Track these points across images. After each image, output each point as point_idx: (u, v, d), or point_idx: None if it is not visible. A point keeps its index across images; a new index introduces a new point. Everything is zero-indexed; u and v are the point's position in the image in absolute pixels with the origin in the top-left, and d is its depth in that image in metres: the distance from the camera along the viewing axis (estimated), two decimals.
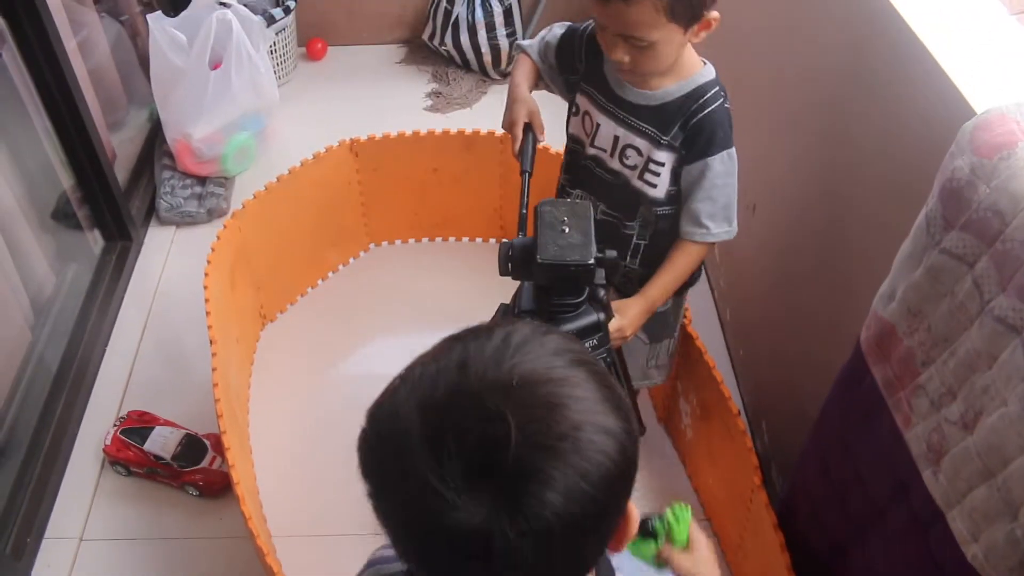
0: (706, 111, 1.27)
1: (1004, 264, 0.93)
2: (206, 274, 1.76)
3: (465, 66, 2.84)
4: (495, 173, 2.14)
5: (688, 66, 1.28)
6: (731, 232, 1.37)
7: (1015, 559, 0.95)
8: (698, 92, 1.28)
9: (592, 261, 1.18)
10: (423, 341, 0.64)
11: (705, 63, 1.31)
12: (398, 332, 2.12)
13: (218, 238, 1.85)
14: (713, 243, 1.39)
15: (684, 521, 1.04)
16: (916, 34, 1.17)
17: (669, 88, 1.28)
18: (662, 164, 1.31)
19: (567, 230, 1.19)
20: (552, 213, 1.20)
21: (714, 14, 1.20)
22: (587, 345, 1.24)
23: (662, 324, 1.55)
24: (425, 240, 2.32)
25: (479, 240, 2.31)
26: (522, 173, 1.37)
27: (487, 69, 2.81)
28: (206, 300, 1.71)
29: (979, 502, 0.99)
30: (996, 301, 0.95)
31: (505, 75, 2.87)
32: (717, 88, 1.29)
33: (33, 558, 1.69)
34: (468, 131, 2.09)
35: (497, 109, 1.46)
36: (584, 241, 1.19)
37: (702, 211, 1.32)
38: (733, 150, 1.30)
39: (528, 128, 1.39)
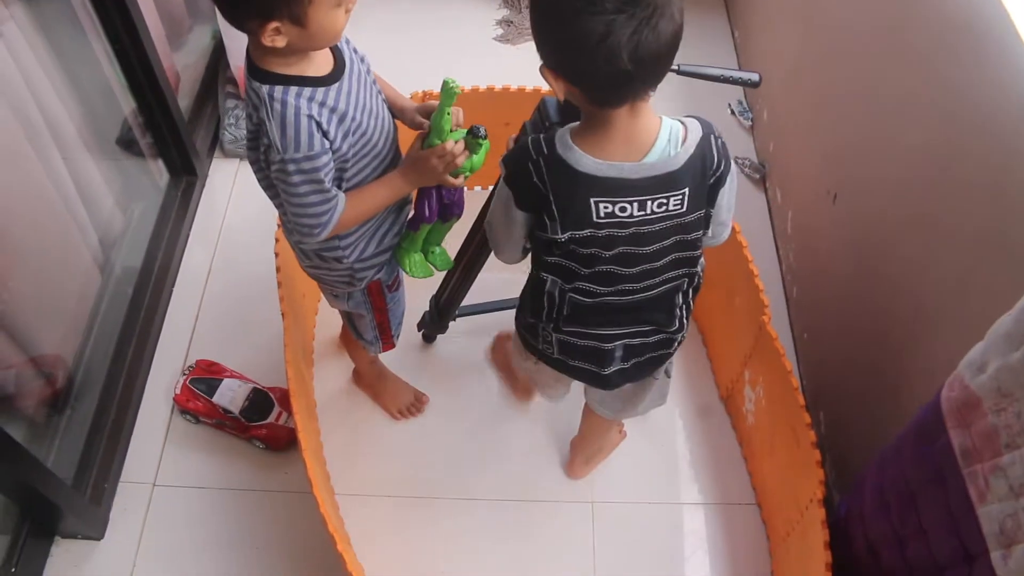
0: None
1: None
2: (276, 239, 1.75)
3: None
4: None
5: None
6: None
7: None
8: None
9: None
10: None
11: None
12: None
13: None
14: None
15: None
16: None
17: None
18: None
19: None
20: None
21: None
22: None
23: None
24: (491, 188, 2.27)
25: None
26: None
27: None
28: (277, 269, 1.71)
29: None
30: None
31: None
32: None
33: (111, 502, 1.77)
34: (544, 88, 2.02)
35: None
36: None
37: None
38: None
39: None
